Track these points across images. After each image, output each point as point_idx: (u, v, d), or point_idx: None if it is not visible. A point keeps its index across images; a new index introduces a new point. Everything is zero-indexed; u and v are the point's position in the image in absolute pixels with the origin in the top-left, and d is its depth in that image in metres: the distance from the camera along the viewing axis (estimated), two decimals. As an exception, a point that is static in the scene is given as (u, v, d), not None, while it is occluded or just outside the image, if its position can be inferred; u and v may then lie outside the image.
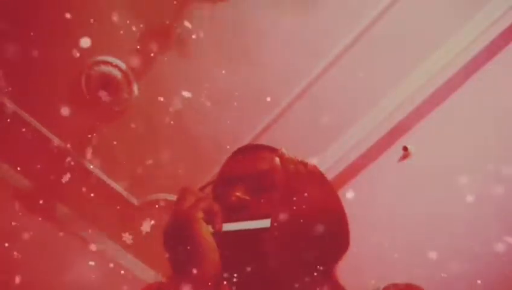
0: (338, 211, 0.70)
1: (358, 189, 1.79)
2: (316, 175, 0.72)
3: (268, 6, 1.63)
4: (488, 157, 1.50)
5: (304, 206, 0.67)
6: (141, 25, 1.69)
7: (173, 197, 1.99)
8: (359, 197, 1.77)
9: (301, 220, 0.65)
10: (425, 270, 1.42)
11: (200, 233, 0.62)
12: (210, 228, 0.64)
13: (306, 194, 0.68)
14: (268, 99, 1.80)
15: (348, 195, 1.78)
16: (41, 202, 2.06)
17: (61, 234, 2.10)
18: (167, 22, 1.67)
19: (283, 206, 0.67)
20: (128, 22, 1.69)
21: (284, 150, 0.74)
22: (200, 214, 0.63)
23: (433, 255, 1.48)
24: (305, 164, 0.73)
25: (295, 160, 0.73)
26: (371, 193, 1.76)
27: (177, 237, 0.63)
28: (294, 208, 0.67)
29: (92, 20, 1.67)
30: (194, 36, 1.70)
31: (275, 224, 0.65)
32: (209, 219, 0.64)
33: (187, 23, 1.60)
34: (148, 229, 1.89)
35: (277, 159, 0.72)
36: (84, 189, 2.06)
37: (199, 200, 0.65)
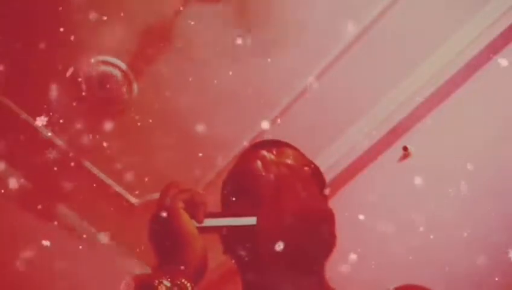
0: (322, 212, 0.71)
1: (358, 189, 1.80)
2: (299, 176, 0.73)
3: (269, 7, 1.63)
4: (488, 157, 1.50)
5: (287, 208, 0.67)
6: (141, 25, 1.69)
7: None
8: (359, 197, 1.77)
9: (284, 222, 0.66)
10: (426, 270, 1.42)
11: (180, 222, 0.63)
12: (195, 223, 0.65)
13: (289, 195, 0.69)
14: (269, 99, 1.80)
15: (348, 195, 1.78)
16: (41, 202, 2.06)
17: (60, 233, 2.10)
18: (167, 22, 1.67)
19: (266, 208, 0.68)
20: (128, 21, 1.69)
21: (266, 153, 0.75)
22: (180, 204, 0.64)
23: (433, 255, 1.48)
24: (288, 165, 0.74)
25: (278, 162, 0.74)
26: (371, 193, 1.76)
27: (159, 228, 0.64)
28: (277, 210, 0.67)
29: (92, 20, 1.67)
30: (194, 36, 1.70)
31: (260, 225, 0.66)
32: (191, 210, 0.65)
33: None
34: None
35: (258, 162, 0.73)
36: (84, 189, 2.06)
37: (181, 191, 0.66)
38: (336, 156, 1.80)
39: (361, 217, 1.65)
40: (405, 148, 1.66)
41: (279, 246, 0.63)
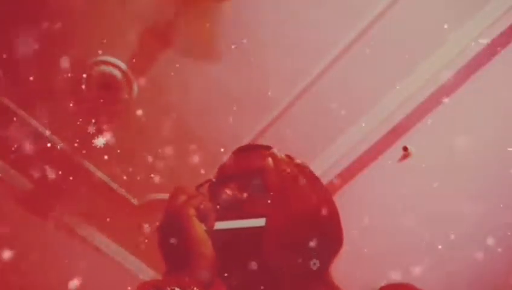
0: (330, 211, 0.71)
1: (358, 189, 1.79)
2: (308, 175, 0.73)
3: (269, 6, 1.63)
4: (488, 157, 1.50)
5: (296, 207, 0.67)
6: (141, 25, 1.69)
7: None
8: (359, 197, 1.77)
9: (294, 221, 0.66)
10: (425, 270, 1.42)
11: (191, 229, 0.62)
12: (203, 226, 0.65)
13: (298, 194, 0.68)
14: (268, 99, 1.80)
15: (348, 195, 1.78)
16: (41, 202, 2.06)
17: (60, 234, 2.10)
18: (167, 22, 1.67)
19: (276, 207, 0.67)
20: (128, 21, 1.69)
21: (275, 151, 0.75)
22: (192, 211, 0.64)
23: (433, 255, 1.48)
24: (297, 165, 0.74)
25: (287, 160, 0.74)
26: (371, 193, 1.76)
27: (170, 234, 0.64)
28: (287, 208, 0.67)
29: (92, 20, 1.67)
30: (194, 36, 1.70)
31: (269, 225, 0.66)
32: (201, 216, 0.65)
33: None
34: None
35: (270, 160, 0.72)
36: (84, 189, 2.06)
37: (191, 197, 0.66)
38: (336, 156, 1.80)
39: (361, 217, 1.65)
40: (405, 148, 1.66)
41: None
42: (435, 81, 1.62)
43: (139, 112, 1.89)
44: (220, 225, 0.66)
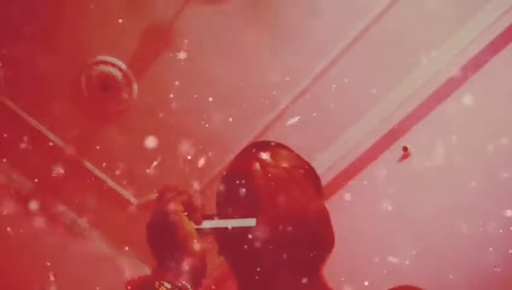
0: (319, 213, 0.71)
1: (358, 189, 1.80)
2: (296, 178, 0.73)
3: (268, 7, 1.63)
4: (488, 157, 1.50)
5: (286, 210, 0.68)
6: (141, 25, 1.69)
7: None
8: (359, 197, 1.77)
9: (282, 223, 0.66)
10: (426, 271, 1.42)
11: (179, 225, 0.63)
12: (192, 223, 0.65)
13: (287, 198, 0.69)
14: (269, 99, 1.80)
15: (347, 195, 1.78)
16: (41, 202, 2.06)
17: (60, 233, 2.10)
18: (167, 22, 1.67)
19: (267, 210, 0.68)
20: (128, 21, 1.69)
21: (264, 155, 0.75)
22: (179, 207, 0.65)
23: (433, 255, 1.48)
24: (286, 169, 0.74)
25: (276, 165, 0.74)
26: (371, 193, 1.76)
27: (158, 230, 0.64)
28: (278, 212, 0.68)
29: (92, 20, 1.68)
30: (194, 36, 1.70)
31: (260, 227, 0.66)
32: (189, 213, 0.65)
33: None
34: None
35: (257, 165, 0.73)
36: (84, 189, 2.07)
37: (178, 194, 0.66)
38: (336, 156, 1.80)
39: (360, 217, 1.65)
40: (405, 148, 1.66)
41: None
42: (435, 81, 1.62)
43: (139, 112, 1.89)
44: (209, 224, 0.67)
